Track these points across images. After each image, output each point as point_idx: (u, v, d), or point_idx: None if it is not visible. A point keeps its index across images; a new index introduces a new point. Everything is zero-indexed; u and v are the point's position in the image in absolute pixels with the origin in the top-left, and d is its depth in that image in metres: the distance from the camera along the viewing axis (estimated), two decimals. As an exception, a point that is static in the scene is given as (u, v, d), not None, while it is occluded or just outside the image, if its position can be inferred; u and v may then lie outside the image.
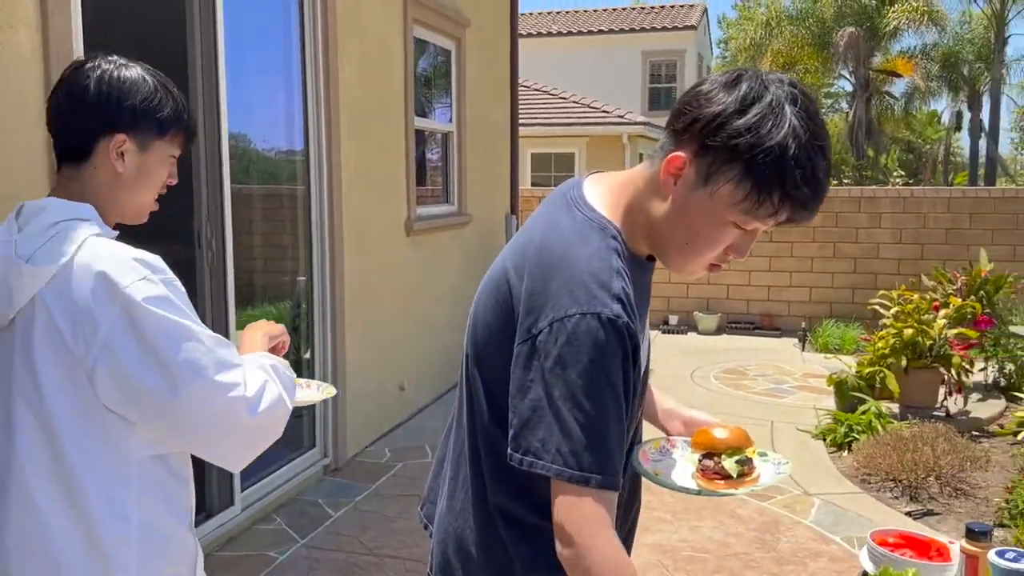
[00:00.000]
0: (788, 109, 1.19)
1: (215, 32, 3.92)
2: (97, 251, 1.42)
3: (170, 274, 1.45)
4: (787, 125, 1.17)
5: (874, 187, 11.56)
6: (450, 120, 7.06)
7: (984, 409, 6.30)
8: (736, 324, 10.07)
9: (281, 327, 1.78)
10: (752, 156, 1.17)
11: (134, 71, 1.54)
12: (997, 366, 6.92)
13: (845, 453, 5.52)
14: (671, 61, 23.39)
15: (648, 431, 1.61)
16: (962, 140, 28.98)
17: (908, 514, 4.54)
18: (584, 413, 1.19)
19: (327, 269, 4.95)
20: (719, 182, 1.21)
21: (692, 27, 23.26)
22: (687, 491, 1.46)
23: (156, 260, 1.45)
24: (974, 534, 1.52)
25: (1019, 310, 6.94)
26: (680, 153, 1.24)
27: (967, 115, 26.08)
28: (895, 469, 4.90)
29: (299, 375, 1.78)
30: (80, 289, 1.39)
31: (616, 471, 1.23)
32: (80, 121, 1.50)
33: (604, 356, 1.20)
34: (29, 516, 1.42)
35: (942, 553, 1.67)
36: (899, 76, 24.05)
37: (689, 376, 7.84)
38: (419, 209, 6.25)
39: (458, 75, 7.07)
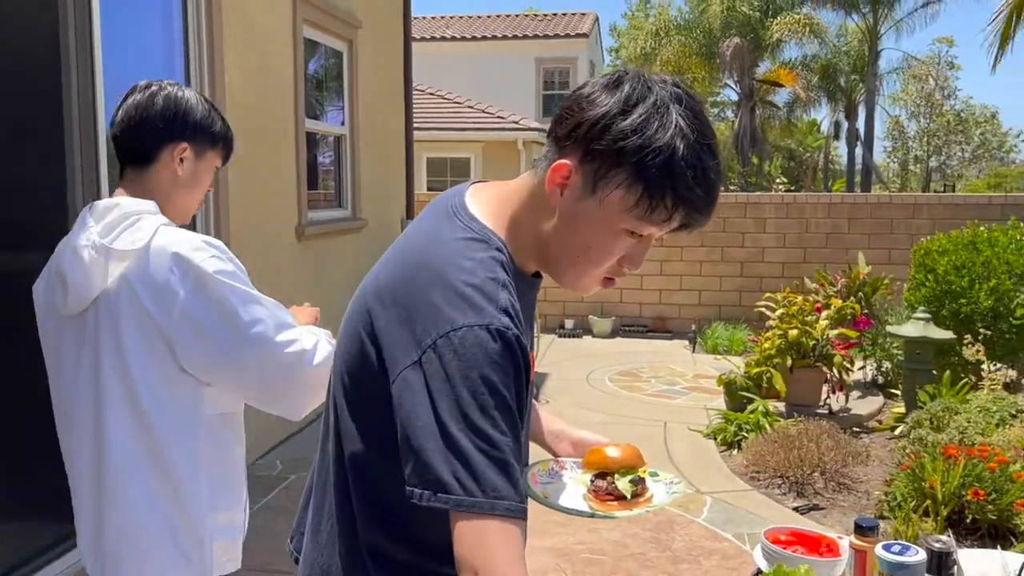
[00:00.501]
0: (673, 108, 1.14)
1: (91, 32, 3.73)
2: (170, 236, 1.72)
3: (231, 254, 1.75)
4: (673, 125, 1.13)
5: (759, 193, 11.97)
6: (343, 123, 6.94)
7: (864, 406, 6.58)
8: (630, 327, 10.25)
9: (316, 310, 2.09)
10: (640, 158, 1.12)
11: (191, 93, 1.88)
12: (876, 364, 7.24)
13: (735, 452, 5.67)
14: (564, 68, 23.69)
15: (535, 453, 1.55)
16: (840, 148, 30.34)
17: (795, 509, 4.69)
18: (479, 434, 1.08)
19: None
20: (608, 188, 1.14)
21: (584, 35, 23.61)
22: (580, 514, 1.39)
23: (220, 243, 1.75)
24: (862, 529, 1.56)
25: (895, 310, 7.28)
26: (565, 161, 1.17)
27: (844, 124, 27.32)
28: (782, 466, 5.05)
29: None
30: (159, 267, 1.68)
31: (523, 495, 1.13)
32: (149, 132, 1.82)
33: (496, 371, 1.10)
34: (115, 466, 1.72)
35: (832, 548, 1.71)
36: (781, 86, 25.00)
37: (585, 379, 7.92)
38: (311, 213, 6.11)
39: (350, 77, 6.96)
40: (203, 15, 4.62)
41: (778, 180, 22.61)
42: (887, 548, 1.50)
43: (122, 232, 1.71)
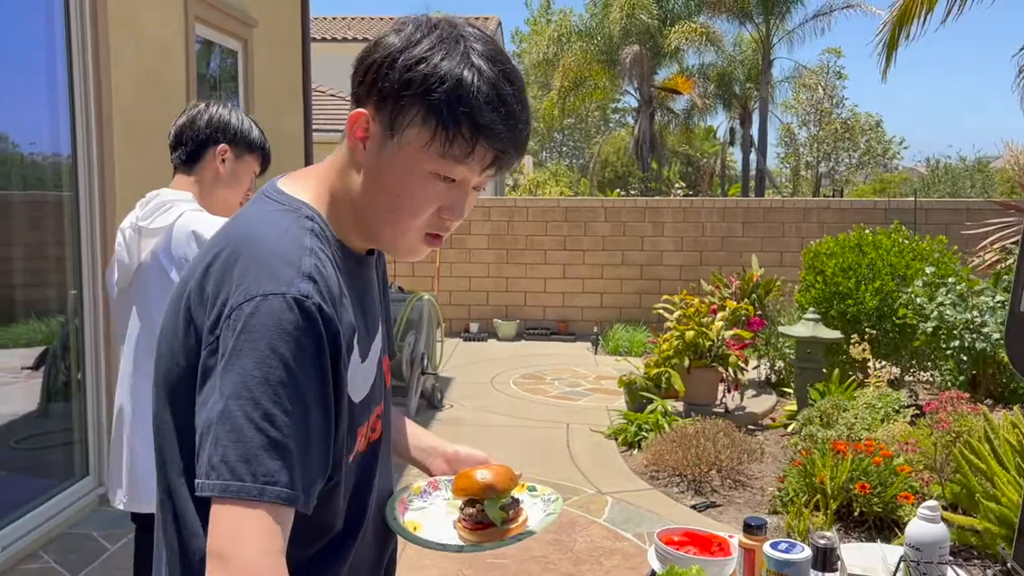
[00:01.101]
0: (461, 39, 1.09)
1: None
2: (193, 216, 2.18)
3: None
4: (461, 52, 1.07)
5: (658, 198, 12.22)
6: (238, 124, 6.75)
7: (758, 404, 6.77)
8: (534, 330, 10.31)
9: None
10: (428, 87, 1.06)
11: (233, 110, 2.36)
12: (769, 364, 7.47)
13: (636, 451, 5.75)
14: (467, 72, 23.64)
15: (410, 473, 1.46)
16: (736, 154, 31.27)
17: (693, 507, 4.78)
18: (261, 410, 0.98)
19: (100, 283, 4.58)
20: (403, 127, 1.09)
21: (487, 39, 23.63)
22: (446, 548, 1.27)
23: None
24: (751, 528, 1.59)
25: (787, 311, 7.53)
26: (360, 110, 1.12)
27: (739, 131, 28.17)
28: (681, 465, 5.15)
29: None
30: (180, 242, 2.15)
31: (309, 482, 1.02)
32: (196, 137, 2.31)
33: (288, 342, 1.00)
34: (141, 417, 2.12)
35: (723, 547, 1.73)
36: (679, 93, 25.61)
37: (490, 383, 7.92)
38: (205, 217, 5.92)
39: (246, 78, 6.78)
40: (86, 8, 4.43)
41: (677, 185, 23.12)
42: (774, 546, 1.53)
43: (157, 215, 2.20)
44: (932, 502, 1.55)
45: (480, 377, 8.13)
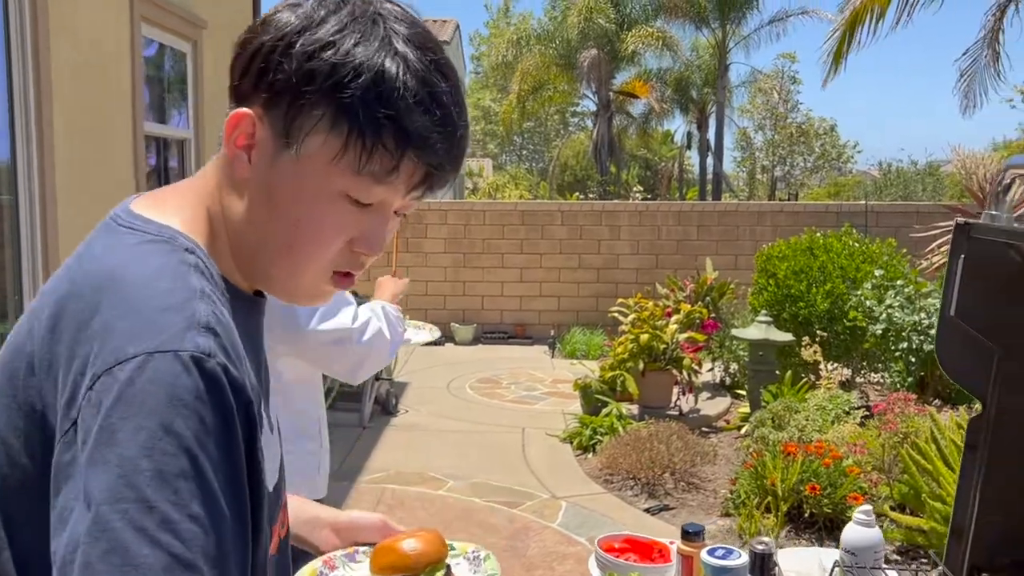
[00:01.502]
0: (379, 19, 0.83)
1: None
2: None
3: None
4: (380, 36, 0.82)
5: (615, 201, 12.28)
6: (188, 126, 6.65)
7: (712, 406, 6.81)
8: (491, 334, 10.28)
9: (404, 282, 2.52)
10: (337, 82, 0.80)
11: None
12: (723, 366, 7.52)
13: (590, 455, 5.75)
14: (426, 75, 23.62)
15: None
16: (693, 158, 31.56)
17: (647, 510, 4.79)
18: (157, 516, 0.69)
19: (41, 287, 4.46)
20: (304, 133, 0.82)
21: (445, 42, 23.62)
22: None
23: None
24: (688, 535, 1.58)
25: (741, 314, 7.59)
26: (244, 110, 0.85)
27: (696, 135, 28.43)
28: (635, 468, 5.16)
29: None
30: None
31: None
32: None
33: (188, 416, 0.72)
34: None
35: (664, 554, 1.72)
36: (636, 97, 25.77)
37: (446, 387, 7.88)
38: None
39: (195, 79, 6.68)
40: (25, 6, 4.32)
41: (635, 188, 23.28)
42: (711, 552, 1.52)
43: None
44: (867, 506, 1.55)
45: (436, 382, 8.09)
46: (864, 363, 6.77)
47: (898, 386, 6.12)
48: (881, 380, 7.01)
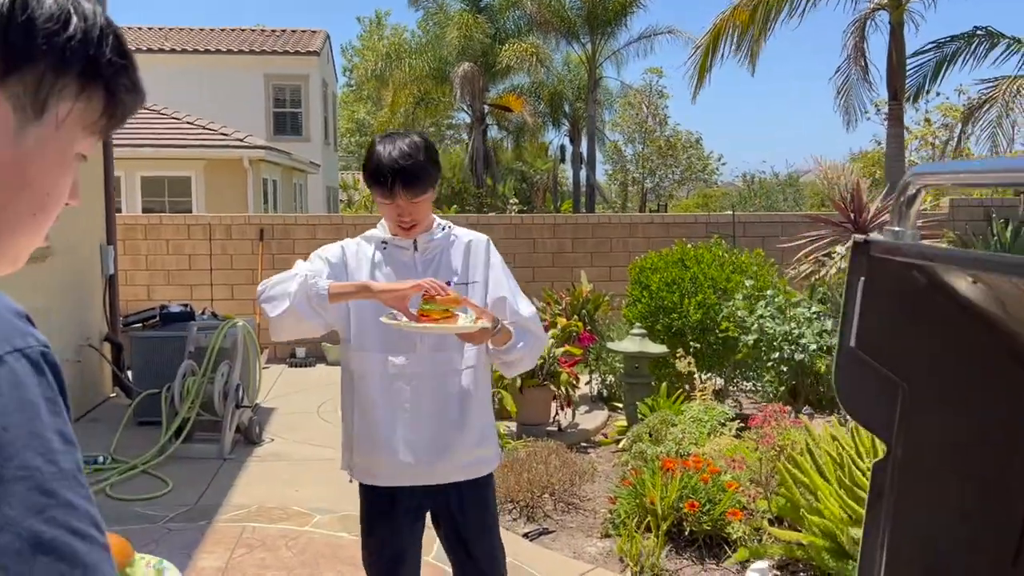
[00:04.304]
0: None
1: None
2: None
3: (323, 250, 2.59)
4: None
5: (491, 215, 12.14)
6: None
7: (590, 420, 6.72)
8: (364, 352, 9.92)
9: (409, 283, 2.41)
10: (52, 35, 0.76)
11: None
12: (600, 378, 7.45)
13: (467, 479, 5.53)
14: (295, 86, 23.01)
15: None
16: (567, 170, 31.89)
17: (525, 535, 4.60)
18: (88, 517, 0.70)
19: None
20: (65, 100, 0.80)
21: (315, 53, 23.08)
22: None
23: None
24: None
25: (616, 326, 7.54)
26: None
27: (570, 148, 28.77)
28: (513, 490, 4.96)
29: None
30: None
31: None
32: None
33: (59, 414, 0.71)
34: None
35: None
36: (510, 111, 25.86)
37: (316, 412, 7.49)
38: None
39: None
40: None
41: (512, 201, 23.31)
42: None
43: None
44: (762, 564, 1.39)
45: (306, 406, 7.69)
46: (737, 372, 6.82)
47: (771, 396, 6.18)
48: (754, 388, 7.08)
